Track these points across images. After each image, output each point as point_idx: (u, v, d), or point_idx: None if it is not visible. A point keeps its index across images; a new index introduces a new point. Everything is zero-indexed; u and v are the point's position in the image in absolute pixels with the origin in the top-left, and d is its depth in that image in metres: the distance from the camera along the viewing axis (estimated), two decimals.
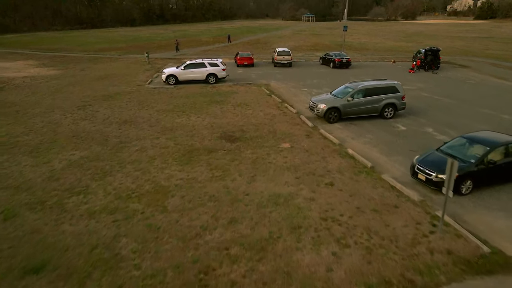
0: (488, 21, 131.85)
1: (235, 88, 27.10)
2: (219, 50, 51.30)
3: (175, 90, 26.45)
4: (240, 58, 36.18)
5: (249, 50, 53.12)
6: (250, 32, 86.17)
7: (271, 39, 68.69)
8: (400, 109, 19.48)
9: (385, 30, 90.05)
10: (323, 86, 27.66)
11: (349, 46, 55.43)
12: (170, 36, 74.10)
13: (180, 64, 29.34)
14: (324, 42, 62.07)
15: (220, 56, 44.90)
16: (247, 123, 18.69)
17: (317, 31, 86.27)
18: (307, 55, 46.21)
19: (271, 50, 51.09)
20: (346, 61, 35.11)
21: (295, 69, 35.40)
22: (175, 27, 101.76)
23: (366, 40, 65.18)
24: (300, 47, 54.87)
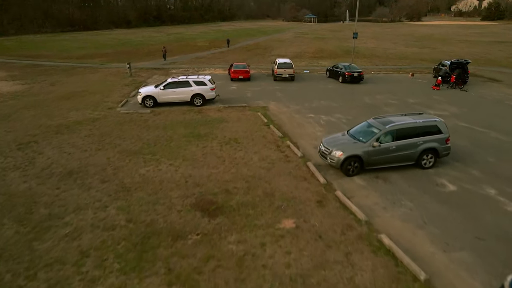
0: (496, 22, 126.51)
1: (226, 113, 21.97)
2: (215, 58, 46.18)
3: (151, 116, 21.34)
4: (234, 71, 31.02)
5: (248, 56, 48.12)
6: (250, 35, 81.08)
7: (271, 43, 63.54)
8: (443, 155, 14.35)
9: (392, 33, 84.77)
10: (334, 110, 22.53)
11: (356, 53, 50.24)
12: (163, 40, 69.07)
13: (160, 83, 24.20)
14: (329, 47, 56.87)
15: (214, 65, 39.90)
16: (235, 176, 13.60)
17: (320, 34, 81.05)
18: (311, 64, 41.03)
19: (271, 57, 46.12)
20: (358, 75, 29.92)
21: (298, 84, 30.22)
22: (171, 29, 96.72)
23: (374, 45, 59.95)
24: (303, 54, 49.70)
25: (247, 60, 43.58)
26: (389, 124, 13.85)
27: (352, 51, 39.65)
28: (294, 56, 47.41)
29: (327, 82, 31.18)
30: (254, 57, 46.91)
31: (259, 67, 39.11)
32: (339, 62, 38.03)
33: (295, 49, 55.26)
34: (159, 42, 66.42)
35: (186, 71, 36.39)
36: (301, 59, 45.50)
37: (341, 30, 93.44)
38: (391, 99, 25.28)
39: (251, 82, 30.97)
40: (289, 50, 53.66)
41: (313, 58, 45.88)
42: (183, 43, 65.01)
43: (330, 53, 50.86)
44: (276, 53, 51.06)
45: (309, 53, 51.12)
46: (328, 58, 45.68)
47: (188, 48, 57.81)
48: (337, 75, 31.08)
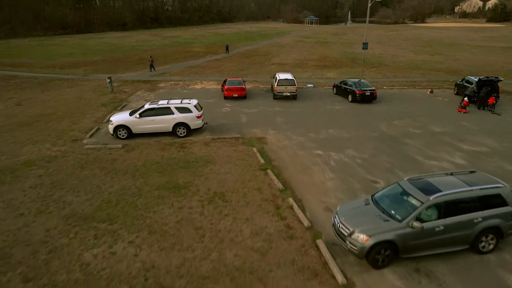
0: (504, 24, 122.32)
1: (214, 148, 17.87)
2: (209, 68, 42.04)
3: (122, 153, 17.25)
4: (228, 88, 26.86)
5: (246, 65, 44.03)
6: (249, 38, 76.97)
7: (271, 48, 59.40)
8: (509, 234, 10.26)
9: (398, 37, 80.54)
10: (346, 143, 18.44)
11: (362, 59, 46.14)
12: (158, 45, 65.02)
13: (137, 109, 20.10)
14: (333, 54, 52.71)
15: (207, 77, 35.80)
16: (216, 268, 9.54)
17: (322, 38, 76.87)
18: (315, 76, 36.88)
19: (270, 66, 42.04)
20: (371, 94, 25.75)
21: (301, 104, 26.06)
22: (168, 32, 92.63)
23: (380, 51, 55.76)
24: (305, 62, 45.54)
25: (244, 71, 39.55)
26: (434, 193, 9.73)
27: (362, 65, 35.38)
28: (295, 65, 43.34)
29: (335, 101, 27.02)
30: (252, 66, 42.81)
31: (257, 80, 34.98)
32: (348, 78, 34.01)
33: (296, 55, 51.12)
34: (153, 47, 62.36)
35: (175, 86, 32.31)
36: (304, 68, 41.36)
37: (345, 33, 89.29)
38: (412, 127, 21.15)
39: (247, 101, 26.86)
40: (290, 57, 49.54)
41: (317, 68, 41.72)
42: (178, 48, 60.92)
43: (334, 61, 46.69)
44: (277, 61, 46.97)
45: (312, 60, 46.96)
46: (333, 68, 41.55)
47: (182, 54, 53.70)
48: (346, 93, 26.95)
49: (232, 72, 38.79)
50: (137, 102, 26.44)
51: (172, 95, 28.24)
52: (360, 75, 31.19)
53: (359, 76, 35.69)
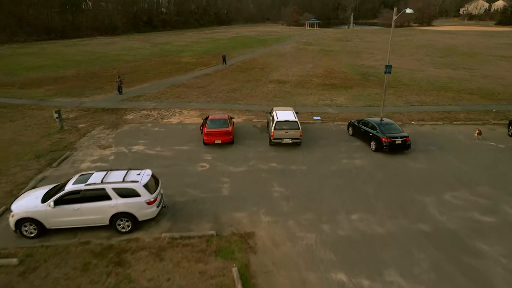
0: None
1: (170, 266, 10.74)
2: (196, 87, 34.90)
3: (13, 278, 10.16)
4: (209, 132, 19.53)
5: (240, 83, 36.90)
6: (246, 45, 69.80)
7: (270, 59, 52.23)
8: None
9: (408, 43, 73.28)
10: (383, 251, 11.36)
11: (376, 77, 39.01)
12: (144, 54, 57.87)
13: (53, 188, 12.96)
14: (340, 67, 45.53)
15: (190, 103, 28.76)
16: None
17: (326, 45, 69.64)
18: (322, 102, 29.71)
19: (268, 85, 34.93)
20: (403, 142, 18.55)
21: (308, 156, 18.75)
22: (160, 37, 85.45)
23: (395, 63, 48.51)
24: (309, 80, 38.37)
25: (236, 93, 32.47)
26: None
27: (383, 93, 28.02)
28: (297, 84, 36.21)
29: (352, 149, 19.82)
30: (246, 85, 35.69)
31: (251, 108, 27.85)
32: (363, 104, 27.00)
33: (298, 69, 43.96)
34: (139, 57, 55.23)
35: (146, 119, 25.19)
36: (307, 89, 34.22)
37: (349, 39, 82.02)
38: (477, 208, 13.98)
39: (234, 149, 19.73)
40: (291, 72, 42.39)
41: (323, 88, 34.55)
42: (166, 59, 53.77)
43: (343, 77, 39.51)
44: (276, 76, 39.83)
45: (317, 77, 39.80)
46: (342, 89, 34.41)
47: (168, 67, 46.59)
48: (367, 138, 19.78)
49: (221, 95, 31.69)
50: (86, 151, 19.36)
51: (136, 138, 21.13)
52: (381, 111, 24.11)
53: (376, 100, 28.57)
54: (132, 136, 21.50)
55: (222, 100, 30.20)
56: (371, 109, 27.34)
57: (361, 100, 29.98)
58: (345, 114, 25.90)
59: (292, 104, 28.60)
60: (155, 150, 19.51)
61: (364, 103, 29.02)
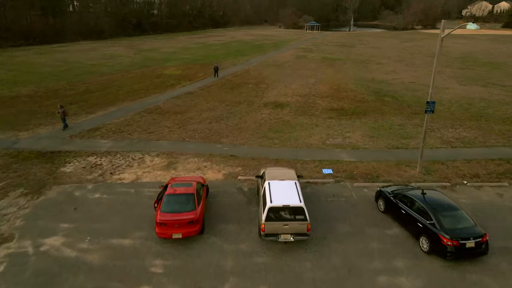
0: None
1: None
2: (172, 114, 27.57)
3: None
4: (162, 221, 12.03)
5: (227, 104, 29.61)
6: (240, 52, 62.42)
7: (266, 71, 44.90)
8: None
9: (419, 49, 65.98)
10: None
11: (393, 97, 31.72)
12: (124, 64, 50.48)
13: None
14: (348, 83, 38.21)
15: (160, 141, 21.41)
16: None
17: (328, 52, 62.29)
18: (332, 140, 22.35)
19: (262, 109, 27.63)
20: (477, 246, 11.20)
21: (320, 270, 11.24)
22: (147, 42, 77.98)
23: (411, 78, 41.36)
24: (313, 102, 31.05)
25: (221, 123, 25.16)
26: None
27: (420, 151, 20.47)
28: (298, 108, 28.96)
29: (389, 247, 12.38)
30: (235, 110, 28.45)
31: (237, 151, 20.55)
32: (385, 139, 19.70)
33: (299, 86, 36.65)
34: (117, 67, 47.86)
35: (90, 174, 17.80)
36: (311, 116, 26.96)
37: (353, 45, 74.68)
38: None
39: (203, 248, 12.33)
40: (290, 90, 35.11)
41: (331, 115, 27.27)
42: (147, 70, 46.40)
43: (353, 98, 32.22)
44: (272, 96, 32.56)
45: (322, 97, 32.51)
46: (354, 115, 27.15)
47: (147, 82, 39.27)
48: (412, 225, 12.45)
49: (201, 128, 24.38)
50: None
51: (58, 217, 13.73)
52: (418, 166, 16.81)
53: (403, 136, 21.24)
54: (53, 214, 14.15)
55: (201, 136, 22.88)
56: (400, 153, 20.05)
57: (383, 136, 22.65)
58: (367, 164, 18.60)
59: (293, 144, 21.32)
60: (77, 247, 12.19)
61: (387, 142, 21.71)
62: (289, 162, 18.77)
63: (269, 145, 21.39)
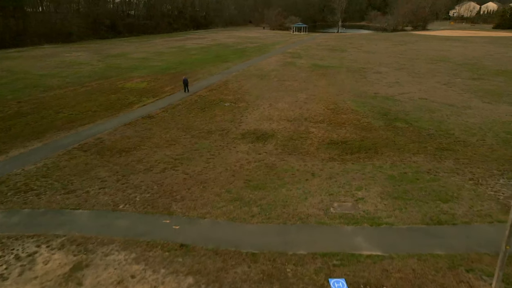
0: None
1: None
2: (110, 158, 19.66)
3: None
4: None
5: (193, 133, 21.63)
6: (220, 58, 54.62)
7: (248, 82, 37.30)
8: None
9: (416, 53, 59.26)
10: None
11: (406, 122, 24.48)
12: (83, 72, 42.24)
13: None
14: (347, 101, 30.88)
15: (71, 236, 13.30)
16: None
17: (319, 58, 54.99)
18: (339, 211, 14.82)
19: (239, 146, 19.27)
20: None
21: None
22: (117, 46, 69.42)
23: (419, 92, 34.36)
24: (305, 132, 23.49)
25: (178, 170, 17.30)
26: None
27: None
28: (287, 141, 21.46)
29: None
30: (203, 144, 20.84)
31: (193, 226, 13.04)
32: (412, 192, 12.16)
33: (287, 105, 29.21)
34: (70, 79, 39.68)
35: None
36: (304, 156, 19.50)
37: (344, 49, 67.66)
38: None
39: None
40: (277, 111, 27.64)
41: (331, 155, 19.84)
42: (106, 83, 38.28)
43: (356, 124, 24.88)
44: (252, 122, 25.06)
45: (316, 122, 25.07)
46: (364, 156, 19.78)
47: (100, 100, 31.33)
48: None
49: (149, 179, 16.64)
50: None
51: None
52: (502, 259, 9.69)
53: (440, 193, 13.85)
54: None
55: (144, 199, 15.14)
56: (448, 236, 12.68)
57: (411, 196, 15.26)
58: (401, 265, 11.16)
59: (280, 214, 13.86)
60: None
61: (421, 210, 14.31)
62: (274, 262, 11.23)
63: (244, 217, 13.81)
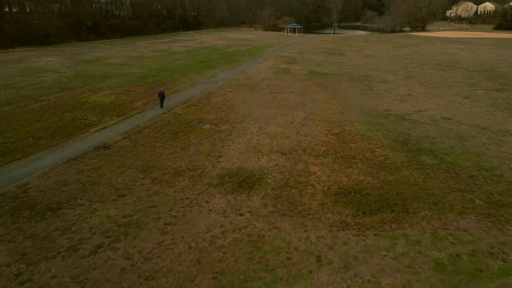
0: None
1: None
2: (15, 236, 13.34)
3: None
4: None
5: (160, 164, 15.15)
6: (207, 64, 48.38)
7: (234, 96, 31.17)
8: None
9: (424, 59, 53.47)
10: None
11: (434, 155, 18.51)
12: (45, 83, 35.81)
13: None
14: (352, 120, 24.82)
15: None
16: None
17: (316, 64, 48.98)
18: None
19: (216, 189, 12.60)
20: None
21: None
22: (96, 50, 62.85)
23: (438, 109, 28.53)
24: (302, 169, 17.38)
25: (129, 232, 10.95)
26: None
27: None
28: (281, 189, 15.44)
29: None
30: (166, 191, 14.78)
31: None
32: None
33: (280, 130, 23.14)
34: (26, 91, 33.37)
35: None
36: (303, 219, 13.63)
37: (342, 52, 61.72)
38: None
39: None
40: (267, 138, 21.56)
41: (342, 217, 13.94)
42: (66, 97, 31.96)
43: (369, 153, 18.92)
44: (236, 154, 19.02)
45: (317, 156, 19.05)
46: (387, 215, 13.82)
47: (51, 120, 25.16)
48: None
49: (64, 272, 10.34)
50: None
51: None
52: None
53: None
54: None
55: None
56: None
57: None
58: None
59: None
60: None
61: None
62: None
63: None
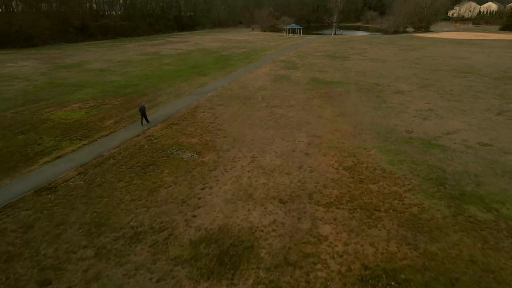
0: None
1: None
2: None
3: None
4: None
5: (131, 196, 11.19)
6: (198, 70, 43.29)
7: (226, 111, 26.10)
8: None
9: (437, 65, 48.47)
10: None
11: (474, 194, 13.48)
12: (9, 94, 30.62)
13: None
14: (368, 147, 19.78)
15: None
16: None
17: (319, 69, 43.95)
18: None
19: (191, 244, 7.77)
20: None
21: None
22: (81, 53, 57.65)
23: (469, 131, 23.54)
24: (309, 230, 12.34)
25: None
26: None
27: None
28: (278, 268, 10.21)
29: None
30: (109, 278, 9.45)
31: None
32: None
33: (279, 161, 18.12)
34: None
35: None
36: None
37: (346, 55, 56.67)
38: None
39: None
40: (261, 174, 16.56)
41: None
42: (26, 112, 26.92)
43: (397, 201, 13.94)
44: (220, 203, 13.99)
45: (327, 206, 14.07)
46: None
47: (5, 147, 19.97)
48: None
49: None
50: None
51: None
52: None
53: None
54: None
55: None
56: None
57: None
58: None
59: None
60: None
61: None
62: None
63: None
